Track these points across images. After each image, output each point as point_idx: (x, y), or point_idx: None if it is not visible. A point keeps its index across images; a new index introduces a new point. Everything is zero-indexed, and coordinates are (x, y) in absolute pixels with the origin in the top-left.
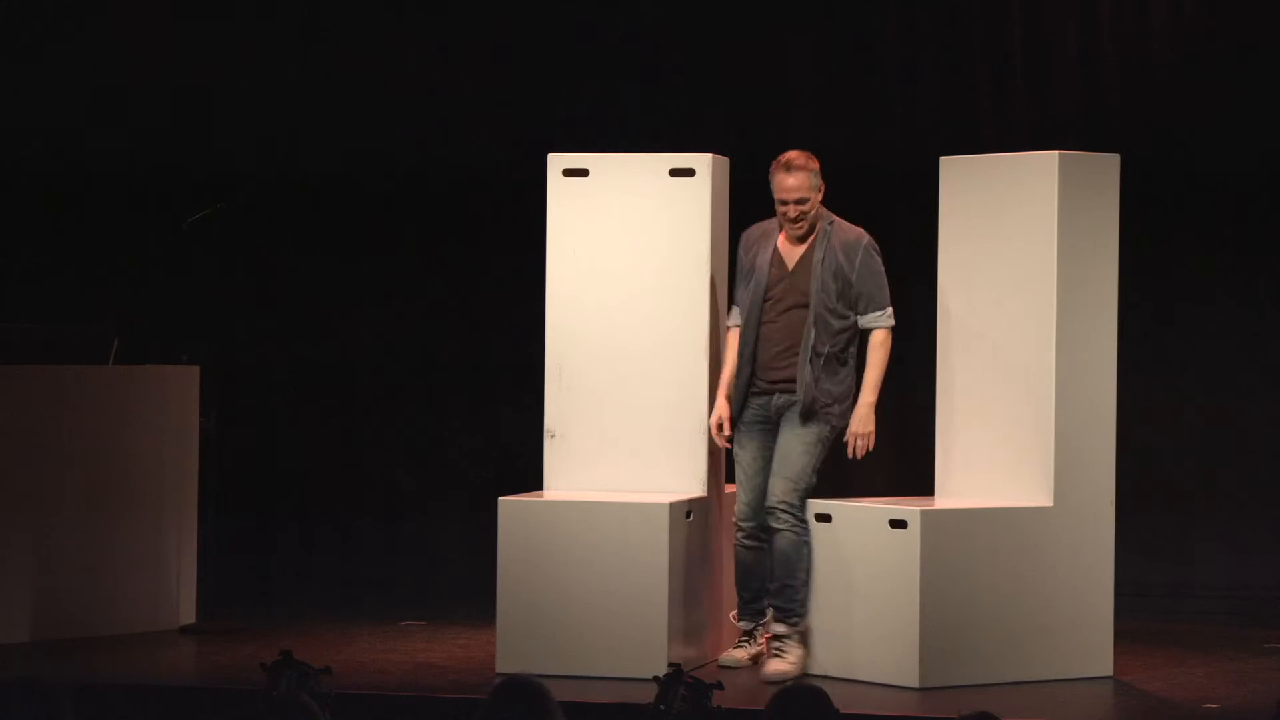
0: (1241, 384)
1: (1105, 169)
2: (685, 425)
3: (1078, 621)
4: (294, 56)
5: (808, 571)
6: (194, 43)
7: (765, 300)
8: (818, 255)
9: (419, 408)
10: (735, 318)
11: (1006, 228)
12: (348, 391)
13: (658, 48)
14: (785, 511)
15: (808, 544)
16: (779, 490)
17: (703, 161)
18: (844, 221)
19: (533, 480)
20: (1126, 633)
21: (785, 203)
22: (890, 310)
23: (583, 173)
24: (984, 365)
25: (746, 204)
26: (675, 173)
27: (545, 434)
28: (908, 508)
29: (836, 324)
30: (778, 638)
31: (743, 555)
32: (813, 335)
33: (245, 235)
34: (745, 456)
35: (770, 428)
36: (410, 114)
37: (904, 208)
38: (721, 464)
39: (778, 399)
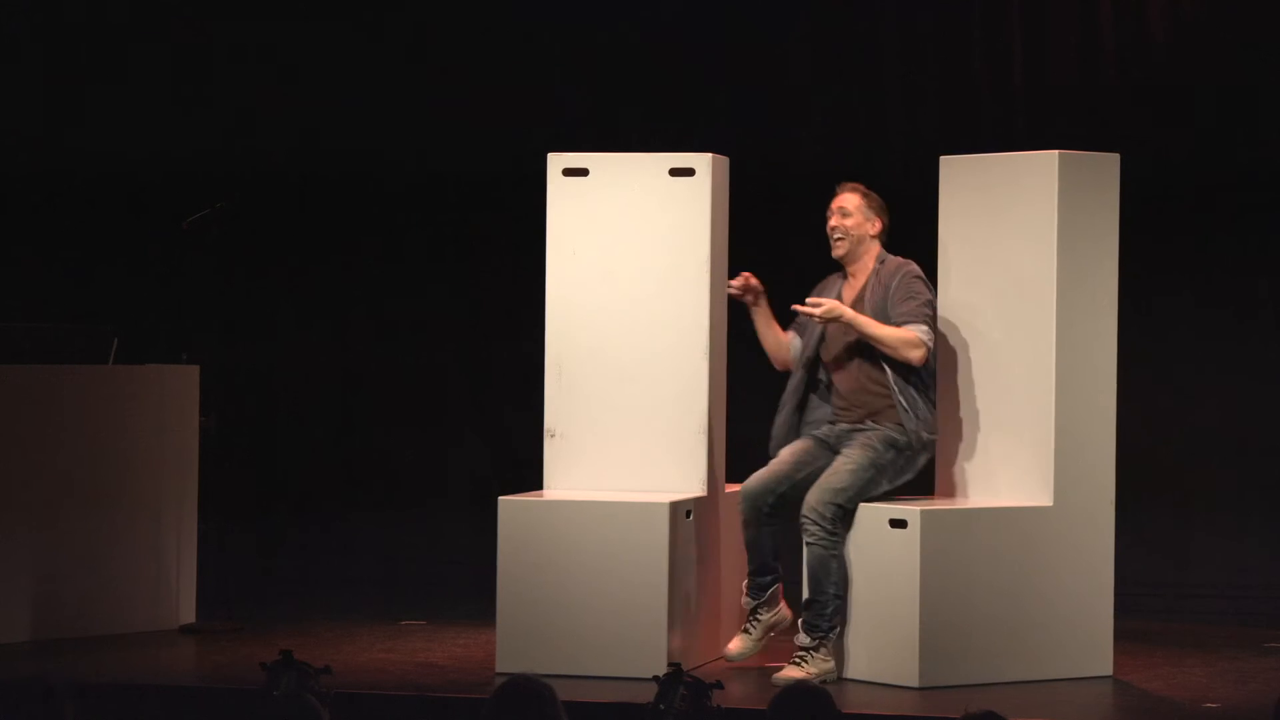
0: (1241, 384)
1: (1105, 169)
2: (685, 425)
3: (1078, 621)
4: (295, 56)
5: (838, 586)
6: (196, 43)
7: (821, 341)
8: (866, 294)
9: (419, 407)
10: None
11: (1006, 228)
12: (348, 391)
13: (658, 47)
14: (814, 523)
15: (837, 558)
16: (812, 499)
17: (703, 161)
18: (895, 258)
19: (533, 480)
20: (1126, 633)
21: (830, 213)
22: (926, 328)
23: (583, 172)
24: (984, 365)
25: (747, 204)
26: (675, 172)
27: (545, 434)
28: (908, 507)
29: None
30: (801, 648)
31: (742, 528)
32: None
33: (245, 235)
34: (786, 451)
35: (826, 446)
36: (410, 114)
37: (903, 207)
38: (722, 464)
39: (840, 426)
